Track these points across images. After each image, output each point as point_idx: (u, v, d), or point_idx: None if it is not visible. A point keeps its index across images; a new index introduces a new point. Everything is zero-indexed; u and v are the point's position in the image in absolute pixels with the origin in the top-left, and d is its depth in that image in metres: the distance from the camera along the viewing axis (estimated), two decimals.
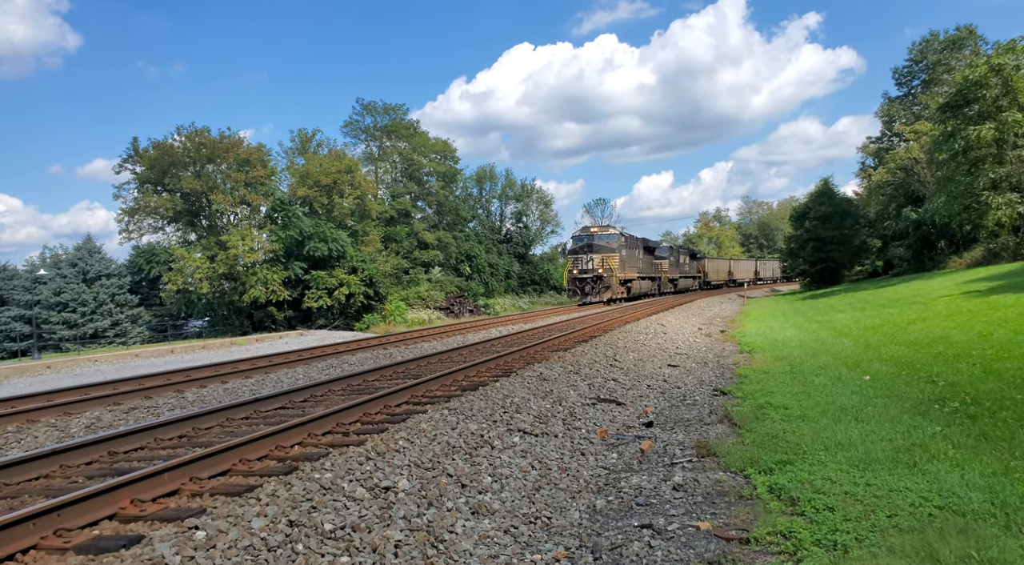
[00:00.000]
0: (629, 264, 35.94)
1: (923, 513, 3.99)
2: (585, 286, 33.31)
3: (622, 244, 35.05)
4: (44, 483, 4.82)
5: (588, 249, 33.71)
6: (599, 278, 33.15)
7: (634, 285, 36.73)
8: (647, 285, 40.16)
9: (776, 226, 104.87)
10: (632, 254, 37.17)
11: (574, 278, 33.86)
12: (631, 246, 37.33)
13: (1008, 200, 27.42)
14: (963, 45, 43.58)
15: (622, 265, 34.35)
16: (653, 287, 42.56)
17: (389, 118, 56.07)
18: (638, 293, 37.81)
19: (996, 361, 8.65)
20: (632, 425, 7.59)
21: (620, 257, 34.09)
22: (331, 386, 8.52)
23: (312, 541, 3.67)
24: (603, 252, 33.51)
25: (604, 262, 33.31)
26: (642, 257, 39.91)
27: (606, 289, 32.95)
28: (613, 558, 3.97)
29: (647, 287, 40.13)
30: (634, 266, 37.07)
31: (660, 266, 44.94)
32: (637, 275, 37.48)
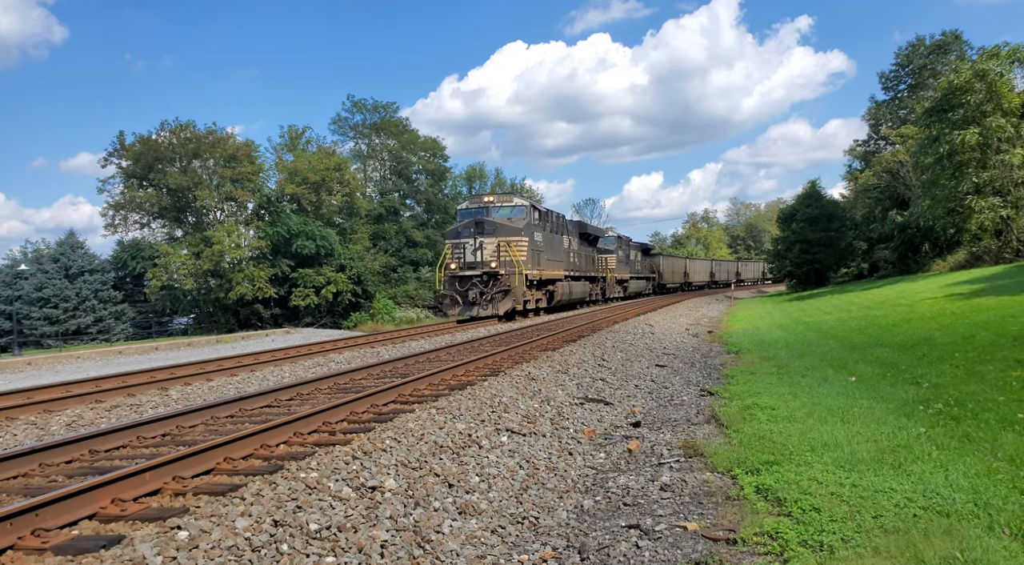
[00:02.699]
0: (551, 256, 24.57)
1: (908, 514, 4.02)
2: (468, 290, 21.00)
3: (535, 224, 23.05)
4: (23, 482, 4.74)
5: (477, 230, 21.50)
6: (492, 277, 20.99)
7: (560, 289, 25.31)
8: (582, 288, 28.80)
9: (763, 228, 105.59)
10: (556, 241, 25.67)
11: (451, 277, 21.49)
12: (555, 229, 25.83)
13: (991, 204, 27.77)
14: (949, 50, 44.10)
15: (535, 257, 22.76)
16: (593, 291, 31.71)
17: (379, 116, 55.88)
18: (566, 299, 26.36)
19: (979, 363, 8.74)
20: (620, 425, 7.59)
21: (533, 244, 22.64)
22: (318, 384, 8.45)
23: (297, 541, 3.62)
24: (502, 235, 21.34)
25: (502, 250, 21.18)
26: (576, 248, 28.89)
27: (504, 295, 20.72)
28: (600, 558, 3.96)
29: (582, 291, 28.77)
30: (559, 259, 25.74)
31: (605, 262, 34.47)
32: (566, 273, 26.41)
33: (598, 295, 33.31)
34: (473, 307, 20.95)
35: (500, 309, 20.87)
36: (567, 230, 27.97)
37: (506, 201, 22.91)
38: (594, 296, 32.54)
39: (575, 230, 29.75)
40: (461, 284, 21.31)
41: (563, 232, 27.17)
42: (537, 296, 23.67)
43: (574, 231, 29.50)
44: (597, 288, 33.05)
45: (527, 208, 22.83)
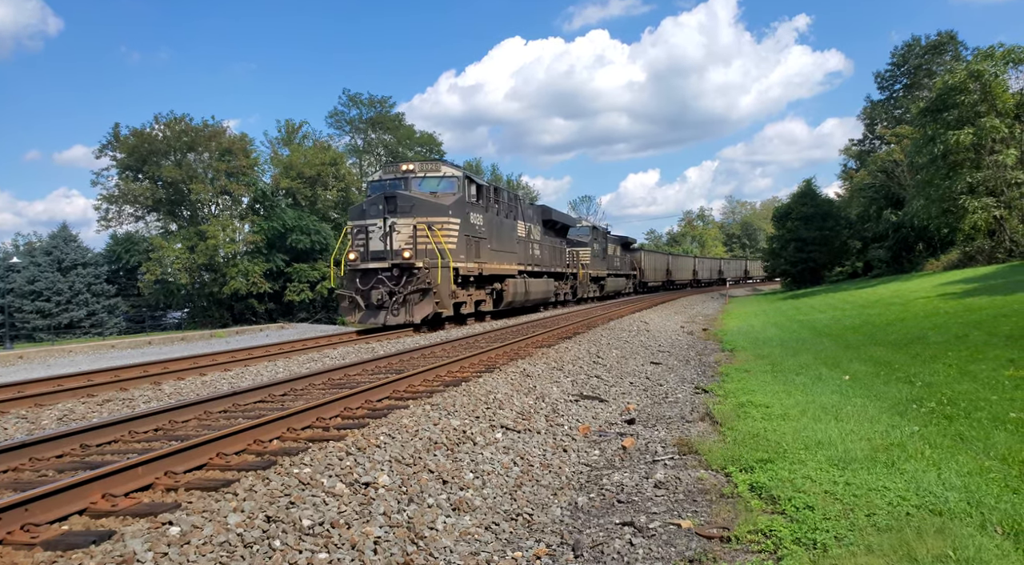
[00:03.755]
0: (498, 245, 19.52)
1: (901, 512, 4.03)
2: (372, 290, 15.89)
3: (472, 203, 17.89)
4: (12, 476, 4.70)
5: (388, 207, 16.02)
6: (406, 271, 15.85)
7: (512, 287, 20.29)
8: (544, 287, 23.85)
9: (759, 226, 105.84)
10: (506, 227, 20.49)
11: (351, 272, 16.37)
12: (507, 212, 20.90)
13: (984, 204, 27.89)
14: (944, 50, 44.24)
15: (471, 245, 17.56)
16: (560, 290, 27.03)
17: (375, 110, 55.71)
18: (521, 301, 21.32)
19: (971, 363, 8.78)
20: (615, 422, 7.59)
21: (468, 228, 17.35)
22: (311, 380, 8.43)
23: (290, 537, 3.60)
24: (421, 214, 16.11)
25: (420, 236, 15.82)
26: (538, 238, 24.10)
27: (421, 295, 15.70)
28: (594, 555, 3.95)
29: (543, 290, 23.80)
30: (509, 250, 20.62)
31: (576, 256, 29.89)
32: (522, 268, 21.50)
33: (567, 295, 28.51)
34: (379, 312, 15.76)
35: (416, 315, 15.59)
36: (524, 215, 22.81)
37: (431, 171, 17.46)
38: (562, 296, 27.70)
39: (537, 216, 24.80)
40: (364, 281, 16.01)
41: (518, 217, 22.14)
42: (478, 297, 18.75)
43: (536, 217, 24.48)
44: (566, 286, 28.31)
45: (459, 180, 17.27)
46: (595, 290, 33.67)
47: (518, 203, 23.04)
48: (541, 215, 25.67)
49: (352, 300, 16.18)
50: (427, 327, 16.92)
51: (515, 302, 21.14)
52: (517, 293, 21.02)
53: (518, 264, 21.63)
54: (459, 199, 17.21)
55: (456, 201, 17.05)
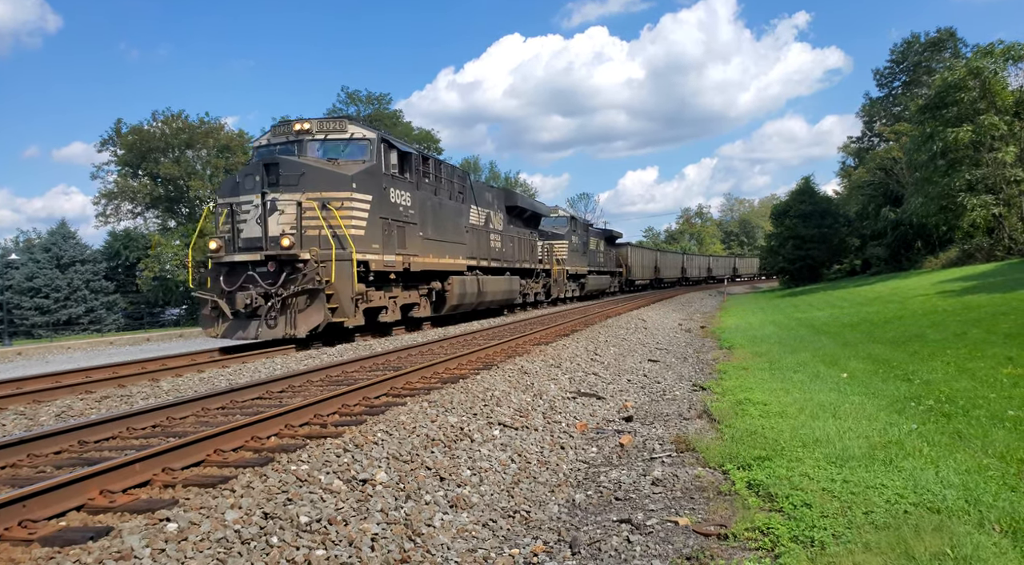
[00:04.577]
0: (437, 233, 15.95)
1: (898, 510, 4.03)
2: (239, 291, 12.04)
3: (392, 175, 14.06)
4: (10, 473, 4.70)
5: (269, 179, 12.23)
6: (287, 267, 12.02)
7: (456, 287, 16.67)
8: (506, 286, 20.37)
9: (757, 224, 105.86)
10: (449, 211, 16.95)
11: (217, 266, 12.56)
12: (450, 191, 17.26)
13: (983, 202, 27.90)
14: (943, 47, 44.19)
15: (391, 234, 13.84)
16: (528, 289, 23.45)
17: (373, 107, 55.60)
18: (472, 302, 17.88)
19: (970, 360, 8.78)
20: (612, 419, 7.60)
21: (386, 208, 13.70)
22: (309, 377, 8.42)
23: (287, 534, 3.60)
24: (313, 187, 12.37)
25: (308, 217, 12.24)
26: (500, 227, 20.74)
27: (309, 299, 11.96)
28: (591, 553, 3.95)
29: (505, 290, 20.32)
30: (454, 240, 17.08)
31: (550, 250, 26.17)
32: (471, 262, 17.97)
33: (538, 295, 24.82)
34: (250, 323, 11.83)
35: (301, 325, 11.68)
36: (479, 198, 19.16)
37: (334, 131, 13.31)
38: (532, 296, 24.01)
39: (498, 201, 21.03)
40: (230, 279, 12.13)
41: (469, 200, 18.34)
42: (407, 299, 14.87)
43: (496, 203, 20.76)
44: (536, 285, 24.49)
45: (373, 145, 13.23)
46: (574, 289, 30.34)
47: (469, 183, 18.85)
48: (504, 200, 21.94)
49: (215, 306, 12.12)
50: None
51: (463, 305, 17.37)
52: (466, 294, 17.27)
53: (468, 258, 17.79)
54: (370, 169, 13.04)
55: (365, 171, 12.86)
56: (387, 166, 13.97)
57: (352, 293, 12.33)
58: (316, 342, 13.19)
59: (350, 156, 13.45)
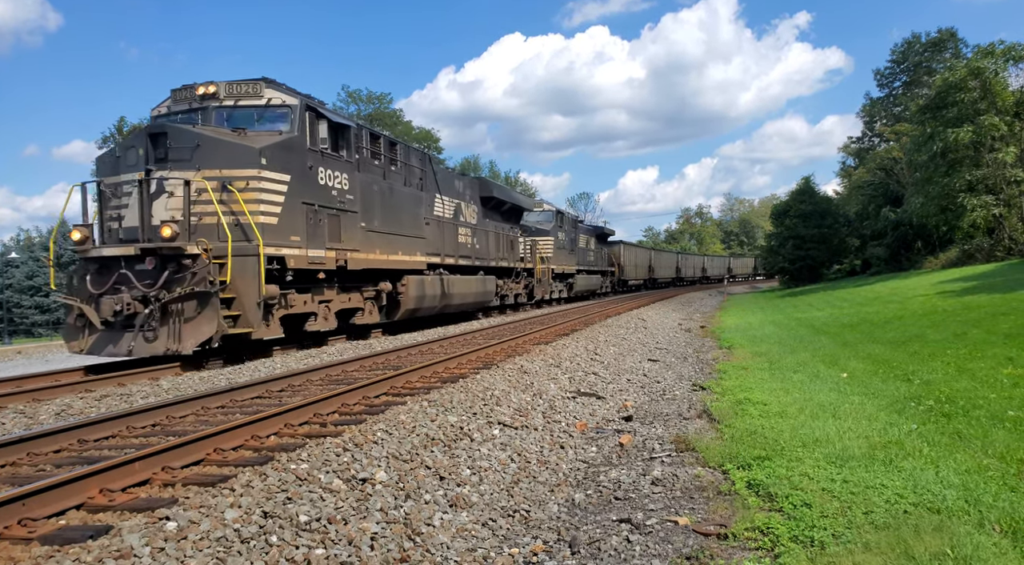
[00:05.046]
0: (385, 225, 13.79)
1: (898, 510, 4.03)
2: (106, 296, 9.44)
3: (320, 150, 11.57)
4: (10, 471, 4.70)
5: (158, 153, 9.86)
6: (171, 263, 9.48)
7: (412, 288, 14.64)
8: (477, 287, 18.46)
9: (757, 223, 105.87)
10: (405, 199, 14.78)
11: (84, 262, 10.06)
12: (402, 175, 14.85)
13: (983, 202, 27.88)
14: (944, 47, 44.20)
15: (321, 224, 11.54)
16: (506, 290, 21.59)
17: (374, 106, 55.60)
18: (431, 306, 15.92)
19: (970, 361, 8.78)
20: (612, 419, 7.60)
21: (311, 193, 11.32)
22: (309, 376, 8.42)
23: (287, 533, 3.60)
24: (209, 164, 9.85)
25: (202, 201, 9.73)
26: (473, 220, 18.90)
27: (198, 306, 9.34)
28: (591, 552, 3.95)
29: (476, 292, 18.46)
30: (411, 234, 14.93)
31: (533, 247, 24.27)
32: (432, 259, 15.83)
33: (519, 296, 22.81)
34: (122, 335, 9.51)
35: (187, 339, 9.37)
36: (444, 186, 17.01)
37: (248, 95, 10.90)
38: (512, 298, 22.12)
39: (471, 191, 19.05)
40: (98, 280, 9.80)
41: (430, 187, 16.08)
42: (346, 304, 12.70)
43: (469, 193, 18.83)
44: (517, 286, 22.50)
45: (294, 114, 10.94)
46: (560, 289, 28.34)
47: (431, 168, 16.40)
48: (479, 191, 19.72)
49: (80, 314, 9.73)
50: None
51: (423, 309, 15.25)
52: (425, 296, 15.09)
53: (429, 254, 15.59)
54: (289, 142, 10.70)
55: (281, 145, 10.53)
56: (314, 140, 11.48)
57: (259, 297, 9.95)
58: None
59: (266, 126, 11.05)
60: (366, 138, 13.57)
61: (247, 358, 11.01)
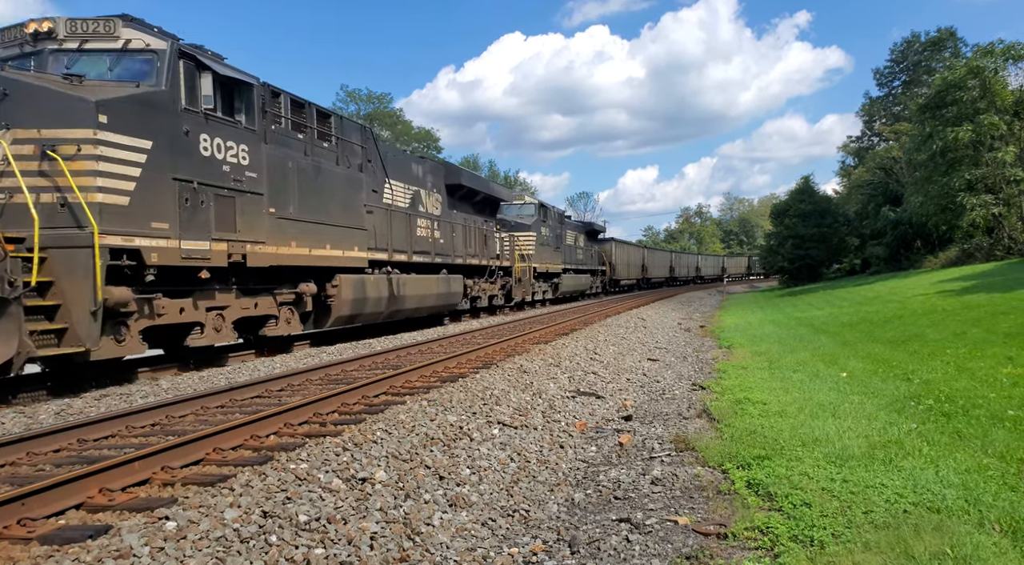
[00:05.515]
0: (303, 211, 11.26)
1: (898, 509, 4.03)
2: None
3: (202, 111, 9.06)
4: (10, 471, 4.69)
5: None
6: None
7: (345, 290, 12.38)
8: (436, 288, 16.21)
9: (756, 223, 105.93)
10: (333, 179, 12.25)
11: None
12: (330, 149, 12.41)
13: (983, 201, 27.89)
14: (943, 47, 44.21)
15: (206, 209, 9.08)
16: (480, 291, 19.61)
17: (373, 106, 55.56)
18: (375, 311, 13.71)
19: (969, 360, 8.79)
20: (611, 418, 7.60)
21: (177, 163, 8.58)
22: (308, 376, 8.42)
23: (286, 532, 3.60)
24: (30, 120, 7.43)
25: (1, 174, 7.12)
26: (437, 211, 16.78)
27: None
28: (591, 552, 3.95)
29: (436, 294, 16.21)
30: (338, 223, 12.32)
31: (512, 243, 22.15)
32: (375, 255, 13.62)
33: (495, 298, 20.73)
34: None
35: None
36: (395, 169, 14.70)
37: (99, 36, 8.56)
38: (487, 300, 20.09)
39: (433, 177, 16.81)
40: None
41: (376, 171, 13.83)
42: (247, 309, 10.38)
43: (429, 178, 16.50)
44: (492, 287, 20.36)
45: (161, 63, 8.61)
46: (545, 290, 26.24)
47: (376, 147, 13.97)
48: (443, 177, 17.54)
49: None
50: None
51: (363, 315, 13.13)
52: (366, 300, 12.89)
53: (372, 249, 13.36)
54: (147, 97, 8.36)
55: (134, 99, 8.21)
56: (193, 97, 8.92)
57: (94, 303, 7.56)
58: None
59: (122, 76, 8.53)
60: (284, 104, 11.14)
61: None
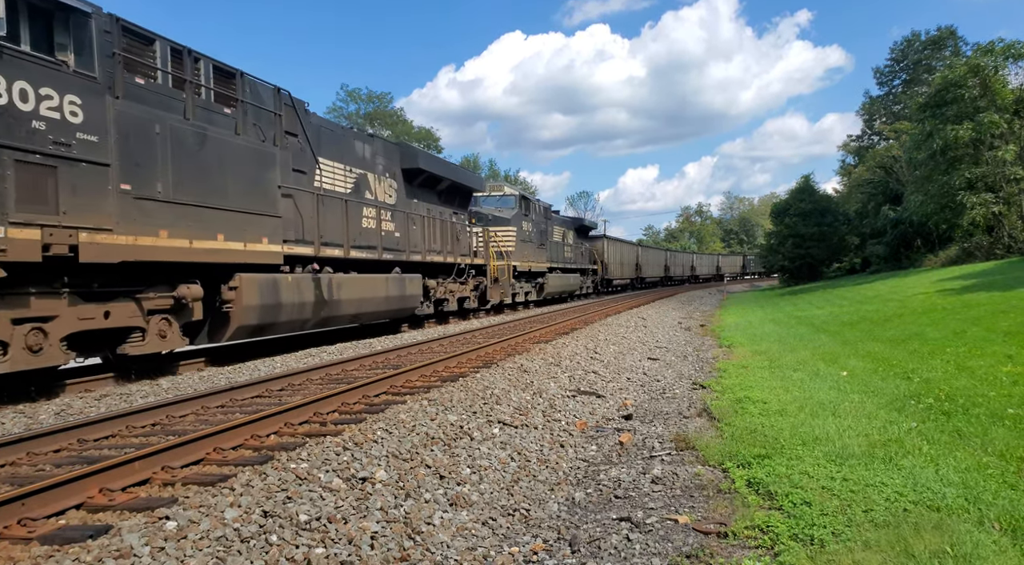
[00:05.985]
0: (198, 185, 9.08)
1: (898, 508, 4.03)
2: None
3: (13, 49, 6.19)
4: (10, 471, 4.70)
5: None
6: None
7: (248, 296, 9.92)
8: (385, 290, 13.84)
9: (757, 222, 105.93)
10: (240, 156, 9.81)
11: None
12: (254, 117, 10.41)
13: (983, 200, 27.87)
14: (943, 46, 44.21)
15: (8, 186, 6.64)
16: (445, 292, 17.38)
17: (373, 105, 55.54)
18: (289, 317, 10.95)
19: (969, 358, 8.78)
20: (612, 417, 7.60)
21: None
22: (309, 375, 8.42)
23: (287, 532, 3.60)
24: None
25: None
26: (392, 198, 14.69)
27: None
28: (591, 551, 3.95)
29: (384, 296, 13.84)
30: (241, 208, 9.77)
31: (487, 239, 20.10)
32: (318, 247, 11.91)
33: (465, 300, 18.71)
34: None
35: None
36: (331, 146, 12.69)
37: None
38: (457, 303, 18.00)
39: (385, 160, 14.57)
40: None
41: (301, 147, 11.66)
42: (88, 320, 7.98)
43: (381, 161, 14.38)
44: (463, 288, 18.27)
45: None
46: (528, 291, 23.80)
47: (299, 115, 11.54)
48: (399, 161, 15.08)
49: None
50: None
51: (277, 324, 10.80)
52: (282, 305, 10.58)
53: (291, 242, 11.02)
54: None
55: None
56: None
57: None
58: None
59: None
60: (159, 53, 8.88)
61: None
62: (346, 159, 13.34)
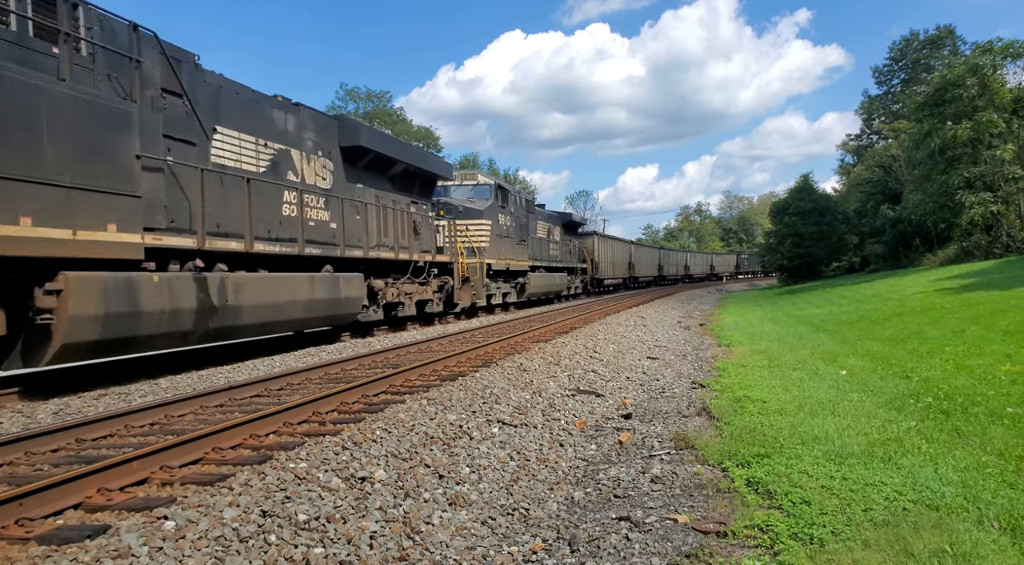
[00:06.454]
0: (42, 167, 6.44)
1: (897, 507, 4.03)
2: None
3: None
4: (7, 471, 4.68)
5: None
6: None
7: (70, 300, 6.98)
8: (313, 293, 11.23)
9: (756, 221, 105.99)
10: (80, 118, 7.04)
11: None
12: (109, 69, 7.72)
13: (981, 199, 27.89)
14: (942, 45, 44.24)
15: None
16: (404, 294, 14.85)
17: (373, 105, 55.50)
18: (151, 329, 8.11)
19: (968, 357, 8.79)
20: (611, 417, 7.59)
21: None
22: (308, 375, 8.41)
23: (285, 532, 3.59)
24: None
25: None
26: (326, 184, 12.18)
27: None
28: (590, 550, 3.95)
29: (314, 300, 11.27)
30: (72, 184, 6.97)
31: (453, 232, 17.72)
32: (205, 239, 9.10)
33: (428, 304, 16.32)
34: None
35: None
36: (227, 107, 10.11)
37: None
38: (415, 307, 15.53)
39: (315, 134, 12.19)
40: None
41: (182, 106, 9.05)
42: None
43: (311, 135, 12.04)
44: (423, 289, 15.87)
45: None
46: (506, 292, 21.69)
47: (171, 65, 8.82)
48: (337, 137, 12.74)
49: None
50: None
51: (134, 339, 8.21)
52: (141, 315, 8.03)
53: (150, 230, 8.32)
54: None
55: None
56: None
57: None
58: None
59: None
60: None
61: None
62: (259, 131, 10.78)
